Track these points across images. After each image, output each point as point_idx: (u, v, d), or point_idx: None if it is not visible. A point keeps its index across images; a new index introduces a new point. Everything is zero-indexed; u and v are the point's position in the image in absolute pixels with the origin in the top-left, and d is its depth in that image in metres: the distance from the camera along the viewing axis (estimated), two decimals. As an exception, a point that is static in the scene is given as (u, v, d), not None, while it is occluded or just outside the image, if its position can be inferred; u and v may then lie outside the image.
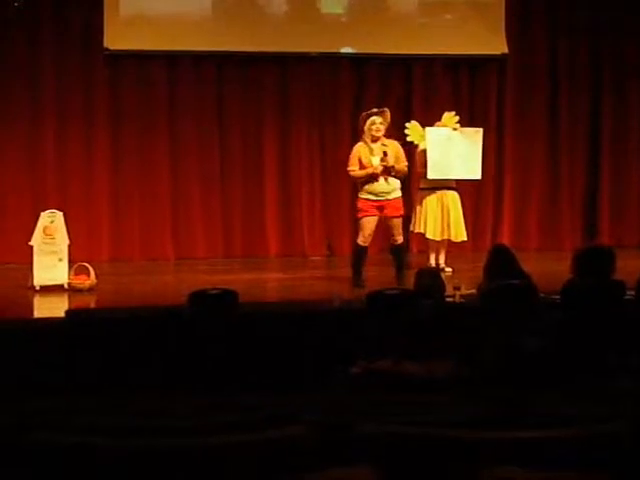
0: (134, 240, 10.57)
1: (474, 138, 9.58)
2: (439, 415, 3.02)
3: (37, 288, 8.15)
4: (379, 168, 8.09)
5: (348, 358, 4.62)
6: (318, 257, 10.77)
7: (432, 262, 9.28)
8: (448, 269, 9.15)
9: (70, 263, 8.34)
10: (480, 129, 9.73)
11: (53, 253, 8.31)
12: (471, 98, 11.27)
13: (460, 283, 6.94)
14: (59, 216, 8.44)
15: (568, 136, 11.42)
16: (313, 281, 8.99)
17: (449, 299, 6.31)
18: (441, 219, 9.24)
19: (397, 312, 4.82)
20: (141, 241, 10.58)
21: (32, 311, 7.61)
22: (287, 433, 2.56)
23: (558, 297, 4.96)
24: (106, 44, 10.26)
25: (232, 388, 4.21)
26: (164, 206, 10.62)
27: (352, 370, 4.55)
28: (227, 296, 5.10)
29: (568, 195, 11.45)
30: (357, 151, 8.24)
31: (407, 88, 11.13)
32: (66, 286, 8.23)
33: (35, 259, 8.25)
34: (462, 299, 6.59)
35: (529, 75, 11.33)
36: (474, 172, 9.56)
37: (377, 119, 8.24)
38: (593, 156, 11.53)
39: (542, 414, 2.97)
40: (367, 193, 8.17)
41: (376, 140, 8.22)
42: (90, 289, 8.22)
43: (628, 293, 5.07)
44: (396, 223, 8.24)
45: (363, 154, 8.19)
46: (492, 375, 4.28)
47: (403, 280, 7.91)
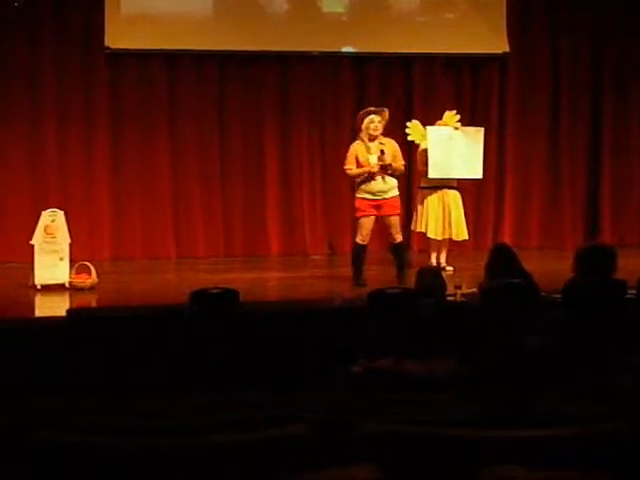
0: (135, 239, 10.57)
1: (475, 137, 9.57)
2: (440, 414, 3.02)
3: (38, 287, 8.15)
4: (376, 167, 8.09)
5: (349, 357, 4.62)
6: (319, 256, 10.76)
7: (433, 261, 9.28)
8: (449, 268, 9.15)
9: (71, 262, 8.34)
10: (481, 128, 9.73)
11: (54, 252, 8.31)
12: (472, 97, 11.26)
13: (461, 282, 6.95)
14: (60, 215, 8.44)
15: (569, 135, 11.41)
16: (314, 280, 8.99)
17: (450, 298, 6.31)
18: (442, 218, 9.24)
19: (398, 311, 4.82)
20: (142, 240, 10.58)
21: (33, 310, 7.61)
22: (288, 432, 2.56)
23: (559, 296, 4.96)
24: (107, 43, 10.26)
25: (233, 387, 4.21)
26: (165, 205, 10.61)
27: (353, 369, 4.55)
28: (228, 295, 5.11)
29: (569, 194, 11.45)
30: (354, 150, 8.23)
31: (408, 87, 11.13)
32: (67, 285, 8.23)
33: (36, 258, 8.25)
34: (463, 298, 6.59)
35: (530, 74, 11.32)
36: (475, 171, 9.55)
37: (376, 118, 8.22)
38: (594, 155, 11.52)
39: (543, 413, 2.97)
40: (364, 192, 8.16)
41: (374, 139, 8.20)
42: (91, 288, 8.22)
43: (629, 292, 5.07)
44: (394, 222, 8.24)
45: (360, 153, 8.17)
46: (493, 374, 4.28)
47: (404, 279, 7.90)
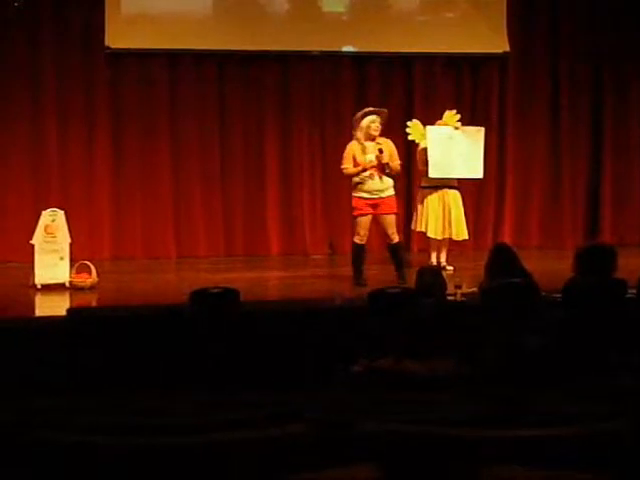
0: (135, 238, 10.57)
1: (475, 137, 9.57)
2: (440, 413, 3.02)
3: (38, 287, 8.15)
4: (372, 163, 8.09)
5: (349, 356, 4.61)
6: (319, 255, 10.76)
7: (433, 261, 9.28)
8: (449, 267, 9.15)
9: (71, 262, 8.34)
10: (481, 128, 9.73)
11: (54, 252, 8.31)
12: (472, 97, 11.26)
13: (461, 282, 6.96)
14: (60, 215, 8.44)
15: (569, 134, 11.41)
16: (314, 279, 8.99)
17: (450, 298, 6.32)
18: (442, 218, 9.24)
19: (398, 310, 4.82)
20: (142, 239, 10.58)
21: (34, 310, 7.61)
22: (288, 431, 2.56)
23: (559, 295, 4.96)
24: (107, 43, 10.26)
25: (233, 386, 4.21)
26: (165, 204, 10.61)
27: (353, 368, 4.54)
28: (228, 294, 5.10)
29: (570, 193, 11.45)
30: (351, 149, 8.24)
31: (408, 87, 11.13)
32: (67, 285, 8.23)
33: (36, 258, 8.25)
34: (463, 298, 6.59)
35: (530, 73, 11.32)
36: (475, 171, 9.55)
37: (377, 118, 8.23)
38: (594, 154, 11.52)
39: (543, 413, 2.97)
40: (362, 192, 8.17)
41: (373, 139, 8.22)
42: (91, 287, 8.22)
43: (629, 292, 5.07)
44: (390, 221, 8.24)
45: (357, 152, 8.19)
46: (493, 373, 4.27)
47: (404, 279, 7.91)
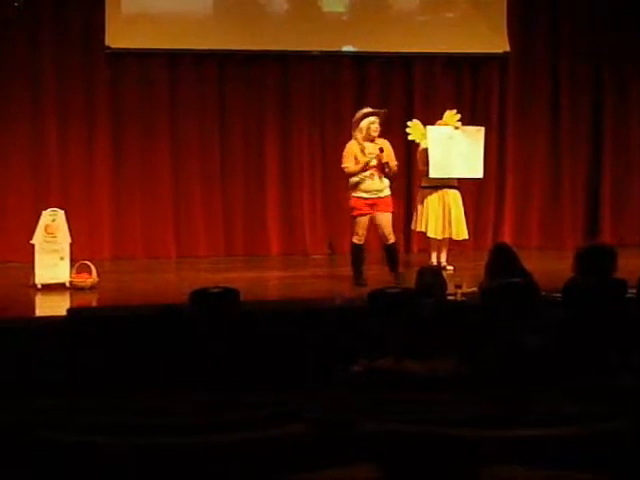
0: (136, 238, 10.56)
1: (476, 137, 9.57)
2: (440, 413, 3.02)
3: (39, 287, 8.15)
4: (373, 160, 8.12)
5: (349, 356, 4.62)
6: (319, 255, 10.76)
7: (433, 260, 9.28)
8: (449, 267, 9.15)
9: (72, 261, 8.34)
10: (482, 128, 9.73)
11: (55, 251, 8.31)
12: (472, 96, 11.26)
13: (461, 281, 6.96)
14: (60, 214, 8.44)
15: (569, 134, 11.41)
16: (314, 279, 8.99)
17: (450, 297, 6.32)
18: (442, 217, 9.24)
19: (398, 310, 4.82)
20: (143, 239, 10.58)
21: (34, 310, 7.61)
22: (288, 431, 2.56)
23: (559, 295, 4.97)
24: (107, 42, 10.26)
25: (233, 386, 4.21)
26: (165, 204, 10.61)
27: (353, 368, 4.54)
28: (228, 294, 5.11)
29: (570, 193, 11.44)
30: (351, 149, 8.25)
31: (408, 86, 11.12)
32: (68, 284, 8.23)
33: (37, 258, 8.25)
34: (463, 297, 6.60)
35: (531, 73, 11.32)
36: (476, 171, 9.55)
37: (376, 119, 8.27)
38: (595, 154, 11.51)
39: (543, 412, 2.97)
40: (361, 191, 8.19)
41: (372, 140, 8.24)
42: (92, 287, 8.22)
43: (629, 292, 5.07)
44: (388, 219, 8.25)
45: (357, 152, 8.21)
46: (493, 373, 4.27)
47: (400, 279, 7.94)
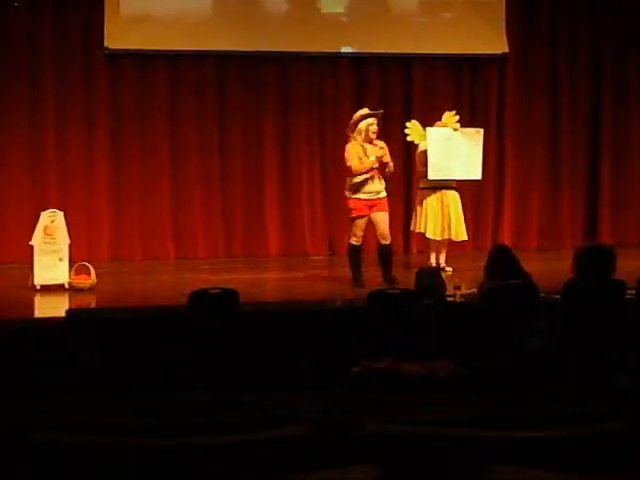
0: (135, 240, 10.56)
1: (475, 138, 9.56)
2: (439, 414, 3.01)
3: (38, 288, 8.16)
4: (376, 163, 8.18)
5: (349, 358, 4.61)
6: (319, 257, 10.76)
7: (432, 262, 9.28)
8: (449, 269, 9.15)
9: (70, 263, 8.35)
10: (481, 129, 9.72)
11: (53, 253, 8.31)
12: (472, 98, 11.27)
13: (461, 283, 6.95)
14: (59, 216, 8.44)
15: (569, 136, 11.42)
16: (314, 281, 8.98)
17: (450, 299, 6.32)
18: (441, 219, 9.23)
19: (397, 312, 4.82)
20: (142, 241, 10.58)
21: (33, 311, 7.62)
22: (287, 433, 2.55)
23: (558, 297, 4.97)
24: (106, 44, 10.27)
25: (232, 387, 4.21)
26: (165, 205, 10.61)
27: (353, 369, 4.54)
28: (227, 296, 5.11)
29: (569, 195, 11.45)
30: (354, 150, 8.26)
31: (407, 88, 11.13)
32: (67, 286, 8.24)
33: (36, 259, 8.25)
34: (462, 299, 6.59)
35: (530, 74, 11.33)
36: (475, 172, 9.54)
37: (374, 121, 8.31)
38: (594, 156, 11.52)
39: (542, 413, 2.96)
40: (361, 192, 8.21)
41: (371, 141, 8.26)
42: (90, 289, 8.23)
43: (628, 292, 5.07)
44: (385, 219, 8.27)
45: (360, 153, 8.22)
46: (492, 375, 4.27)
47: (394, 281, 7.99)
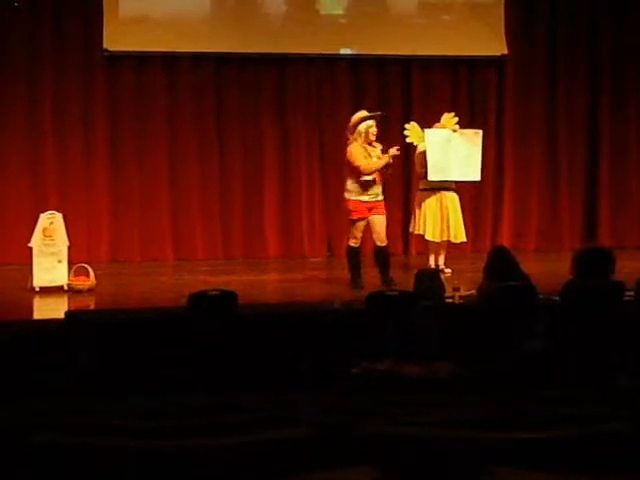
0: (133, 241, 10.55)
1: (474, 139, 9.56)
2: (439, 416, 3.02)
3: (37, 289, 8.15)
4: (390, 159, 8.23)
5: (348, 359, 4.61)
6: (318, 258, 10.76)
7: (432, 263, 9.28)
8: (448, 270, 9.14)
9: (70, 264, 8.34)
10: (480, 130, 9.72)
11: (53, 254, 8.31)
12: (470, 99, 11.27)
13: (460, 284, 6.95)
14: (58, 217, 8.44)
15: (567, 137, 11.42)
16: (313, 282, 8.98)
17: (449, 300, 6.33)
18: (440, 220, 9.23)
19: (397, 313, 4.82)
20: (140, 242, 10.57)
21: (32, 312, 7.62)
22: (286, 434, 2.55)
23: (558, 298, 4.97)
24: (105, 45, 10.27)
25: (232, 389, 4.21)
26: (163, 207, 10.60)
27: (352, 371, 4.54)
28: (226, 297, 5.11)
29: (568, 196, 11.45)
30: (358, 151, 8.25)
31: (406, 89, 11.13)
32: (66, 287, 8.23)
33: (35, 260, 8.25)
34: (461, 300, 6.59)
35: (528, 76, 11.33)
36: (474, 174, 9.54)
37: (374, 123, 8.33)
38: (592, 157, 11.52)
39: (542, 415, 2.96)
40: (362, 195, 8.20)
41: (370, 143, 8.28)
42: (89, 290, 8.22)
43: (627, 294, 5.08)
44: (383, 221, 8.28)
45: (364, 154, 8.22)
46: (492, 376, 4.27)
47: (391, 282, 7.99)
